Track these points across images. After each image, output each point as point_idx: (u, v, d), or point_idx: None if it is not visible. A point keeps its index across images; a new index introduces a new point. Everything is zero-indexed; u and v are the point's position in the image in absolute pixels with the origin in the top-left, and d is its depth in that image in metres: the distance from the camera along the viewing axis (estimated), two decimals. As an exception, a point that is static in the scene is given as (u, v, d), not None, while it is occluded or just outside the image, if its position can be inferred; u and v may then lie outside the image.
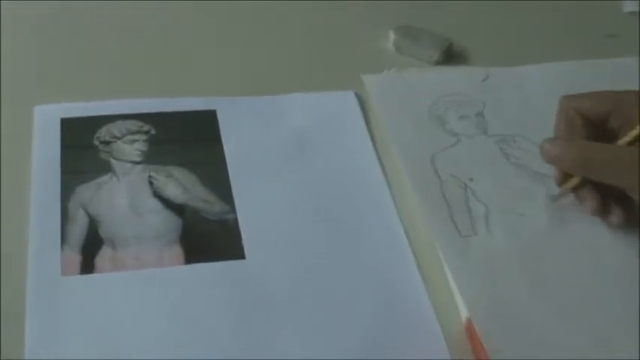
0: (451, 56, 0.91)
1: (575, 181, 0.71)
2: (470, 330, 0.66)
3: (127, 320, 0.65)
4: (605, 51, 0.83)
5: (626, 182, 0.66)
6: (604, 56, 0.82)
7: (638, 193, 0.66)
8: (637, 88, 0.72)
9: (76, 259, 0.69)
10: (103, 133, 0.79)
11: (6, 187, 0.72)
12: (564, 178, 0.71)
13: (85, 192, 0.74)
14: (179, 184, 0.75)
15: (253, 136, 0.81)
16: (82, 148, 0.77)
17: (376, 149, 0.81)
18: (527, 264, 0.71)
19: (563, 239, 0.73)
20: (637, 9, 0.98)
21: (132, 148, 0.78)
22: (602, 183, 0.68)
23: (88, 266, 0.69)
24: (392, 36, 0.92)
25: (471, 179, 0.78)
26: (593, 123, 0.69)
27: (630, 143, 0.67)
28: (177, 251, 0.71)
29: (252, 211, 0.74)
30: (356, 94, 0.86)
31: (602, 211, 0.69)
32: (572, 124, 0.69)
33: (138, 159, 0.77)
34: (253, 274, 0.69)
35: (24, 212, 0.71)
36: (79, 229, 0.71)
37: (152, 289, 0.67)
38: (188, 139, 0.80)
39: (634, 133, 0.66)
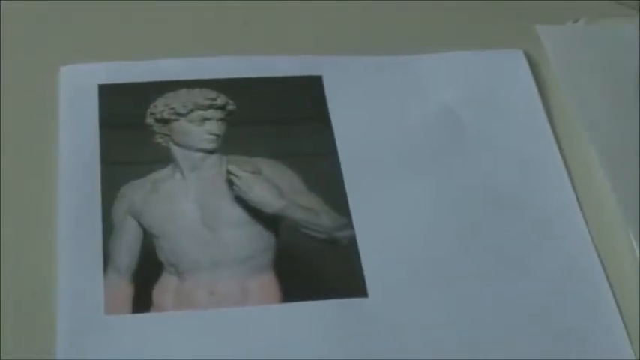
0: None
1: None
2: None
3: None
4: None
5: None
6: None
7: None
8: None
9: (126, 290, 0.71)
10: (160, 107, 0.80)
11: (23, 187, 0.74)
12: None
13: (136, 193, 0.75)
14: (271, 185, 0.76)
15: (377, 114, 0.82)
16: (131, 128, 0.79)
17: (557, 137, 0.82)
18: None
19: None
20: None
21: (202, 130, 0.79)
22: None
23: (143, 301, 0.70)
24: (583, -32, 0.91)
25: None
26: None
27: None
28: (269, 282, 0.72)
29: (378, 225, 0.75)
30: (526, 53, 0.87)
31: None
32: None
33: (211, 146, 0.78)
34: (379, 318, 0.71)
35: (49, 223, 0.72)
36: (128, 248, 0.73)
37: (234, 336, 0.69)
38: (282, 119, 0.82)
39: None
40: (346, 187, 0.77)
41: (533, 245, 0.76)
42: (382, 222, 0.76)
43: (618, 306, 0.73)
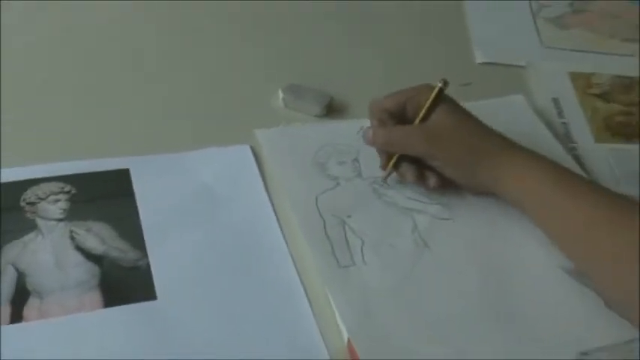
0: (332, 110, 0.97)
1: (392, 160, 0.84)
2: (351, 349, 0.71)
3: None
4: (462, 97, 0.86)
5: (418, 150, 0.82)
6: (461, 102, 0.86)
7: (430, 158, 0.81)
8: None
9: (6, 310, 0.72)
10: (29, 195, 0.82)
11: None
12: (387, 160, 0.85)
13: (13, 250, 0.77)
14: (97, 237, 0.79)
15: (163, 191, 0.84)
16: (10, 210, 0.80)
17: (270, 197, 0.85)
18: (398, 289, 0.76)
19: (427, 264, 0.79)
20: (487, 59, 1.03)
21: (55, 207, 0.81)
22: (412, 158, 0.83)
23: (16, 316, 0.72)
24: (281, 94, 0.97)
25: (349, 216, 0.83)
26: (395, 115, 0.85)
27: (420, 122, 0.83)
28: (96, 296, 0.74)
29: (163, 258, 0.78)
30: (251, 147, 0.90)
31: (420, 178, 0.84)
32: (381, 119, 0.85)
33: (61, 216, 0.81)
34: (165, 313, 0.73)
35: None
36: (8, 284, 0.74)
37: (75, 333, 0.71)
38: (105, 196, 0.83)
39: (420, 114, 0.82)
40: (144, 236, 0.79)
41: (257, 266, 0.78)
42: (166, 256, 0.78)
43: (311, 304, 0.75)
